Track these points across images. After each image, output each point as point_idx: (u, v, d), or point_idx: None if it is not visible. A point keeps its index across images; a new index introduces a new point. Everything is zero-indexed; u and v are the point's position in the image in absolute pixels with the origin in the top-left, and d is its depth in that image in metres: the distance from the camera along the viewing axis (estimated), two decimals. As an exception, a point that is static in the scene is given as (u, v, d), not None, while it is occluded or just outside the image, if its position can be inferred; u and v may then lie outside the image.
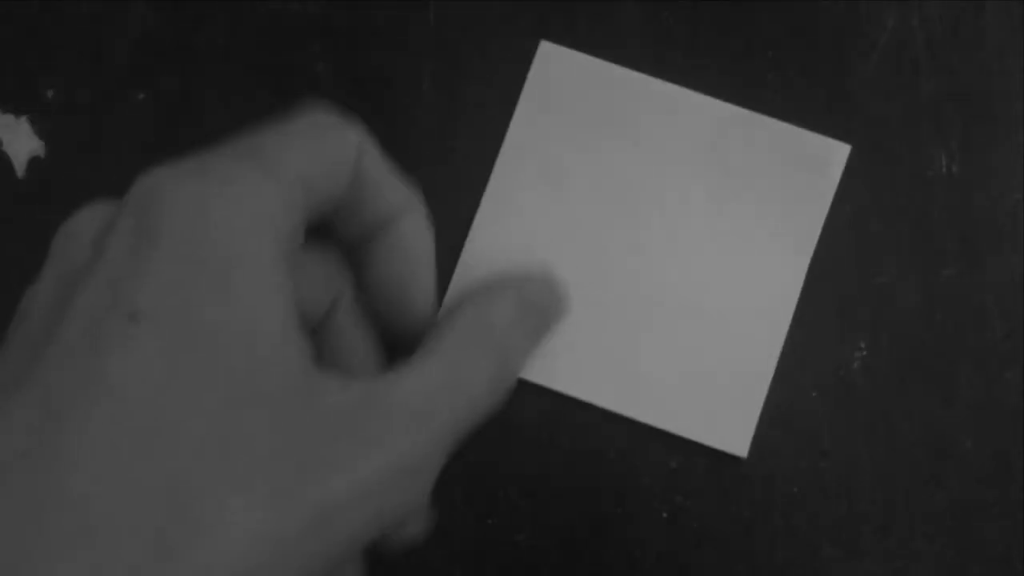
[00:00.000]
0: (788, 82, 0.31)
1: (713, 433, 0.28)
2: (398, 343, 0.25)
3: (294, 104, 0.23)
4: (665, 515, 0.27)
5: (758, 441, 0.28)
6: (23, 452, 0.19)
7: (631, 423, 0.27)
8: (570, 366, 0.28)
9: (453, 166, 0.30)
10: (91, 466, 0.19)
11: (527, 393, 0.28)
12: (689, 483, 0.28)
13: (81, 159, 0.27)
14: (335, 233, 0.25)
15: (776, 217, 0.29)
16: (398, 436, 0.21)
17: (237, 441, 0.19)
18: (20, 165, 0.30)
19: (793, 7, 0.32)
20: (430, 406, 0.22)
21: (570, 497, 0.27)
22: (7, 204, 0.30)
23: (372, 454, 0.20)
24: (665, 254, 0.29)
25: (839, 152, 0.29)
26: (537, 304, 0.26)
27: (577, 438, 0.28)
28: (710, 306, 0.28)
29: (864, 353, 0.29)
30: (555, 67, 0.30)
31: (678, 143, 0.30)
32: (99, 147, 0.27)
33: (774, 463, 0.28)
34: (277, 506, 0.19)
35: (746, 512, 0.28)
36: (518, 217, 0.29)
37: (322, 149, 0.23)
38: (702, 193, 0.29)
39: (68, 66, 0.31)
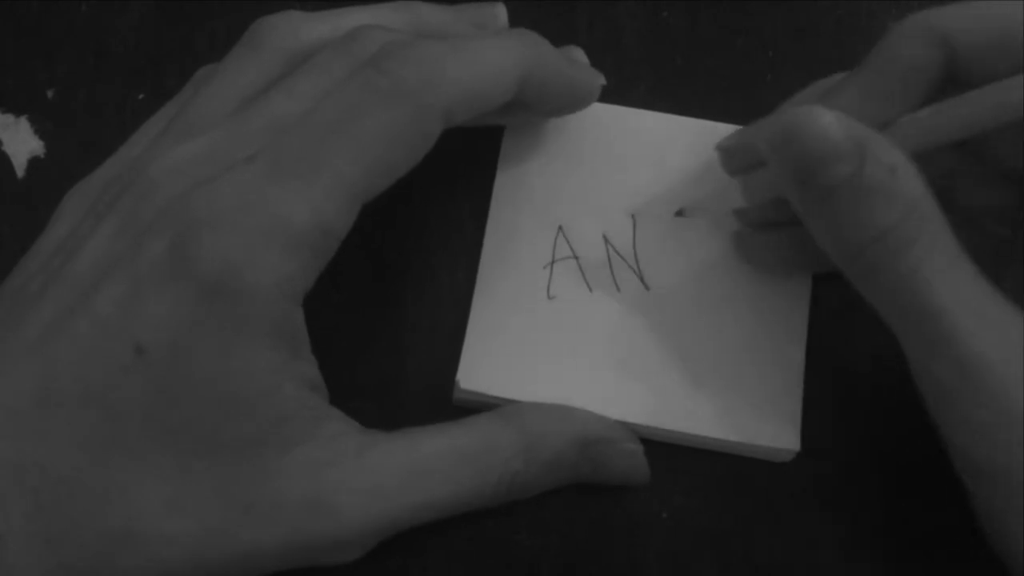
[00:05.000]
0: (788, 82, 0.31)
1: (760, 432, 0.27)
2: None
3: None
4: (665, 515, 0.27)
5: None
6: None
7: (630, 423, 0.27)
8: (603, 390, 0.27)
9: (451, 178, 0.30)
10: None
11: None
12: (689, 483, 0.28)
13: (81, 159, 0.27)
14: None
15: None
16: (342, 512, 0.22)
17: (186, 480, 0.21)
18: (20, 165, 0.30)
19: (793, 7, 0.32)
20: (389, 493, 0.23)
21: (570, 497, 0.27)
22: (7, 204, 0.30)
23: (304, 526, 0.22)
24: (674, 267, 0.29)
25: None
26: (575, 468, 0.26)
27: (577, 438, 0.28)
28: (727, 310, 0.28)
29: (868, 353, 0.29)
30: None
31: (667, 163, 0.29)
32: (99, 147, 0.27)
33: (775, 463, 0.28)
34: (203, 542, 0.21)
35: (746, 512, 0.28)
36: (519, 255, 0.29)
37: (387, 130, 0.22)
38: (696, 200, 0.29)
39: (68, 66, 0.31)
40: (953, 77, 0.23)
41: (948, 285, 0.22)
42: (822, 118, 0.23)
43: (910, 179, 0.22)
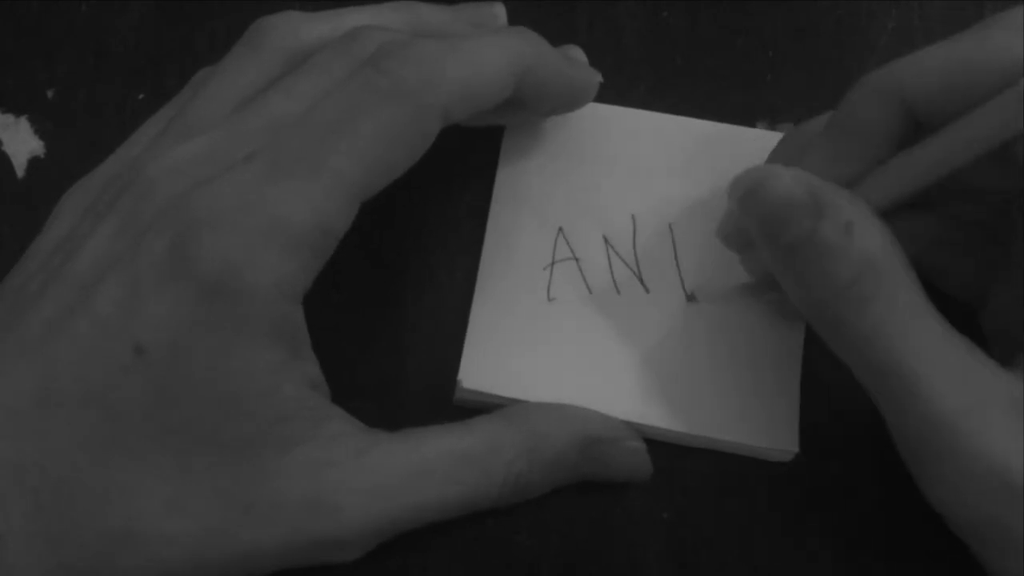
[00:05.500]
0: (788, 82, 0.31)
1: (759, 433, 0.27)
2: None
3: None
4: (665, 515, 0.27)
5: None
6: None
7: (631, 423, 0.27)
8: (604, 390, 0.27)
9: (450, 180, 0.30)
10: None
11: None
12: (689, 483, 0.28)
13: (81, 159, 0.27)
14: None
15: None
16: (342, 512, 0.22)
17: (186, 480, 0.21)
18: (20, 165, 0.30)
19: (793, 7, 0.32)
20: (390, 493, 0.23)
21: (570, 497, 0.27)
22: (7, 204, 0.30)
23: (304, 526, 0.22)
24: (673, 268, 0.29)
25: None
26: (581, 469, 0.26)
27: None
28: (726, 311, 0.28)
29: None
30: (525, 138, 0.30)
31: (667, 164, 0.29)
32: (99, 147, 0.27)
33: (774, 463, 0.28)
34: (203, 542, 0.21)
35: (746, 512, 0.28)
36: (520, 253, 0.29)
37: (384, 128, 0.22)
38: (696, 202, 0.29)
39: (68, 66, 0.31)
40: (918, 126, 0.23)
41: (911, 341, 0.22)
42: (781, 177, 0.23)
43: (866, 235, 0.22)
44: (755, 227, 0.24)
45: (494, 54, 0.24)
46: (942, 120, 0.23)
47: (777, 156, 0.27)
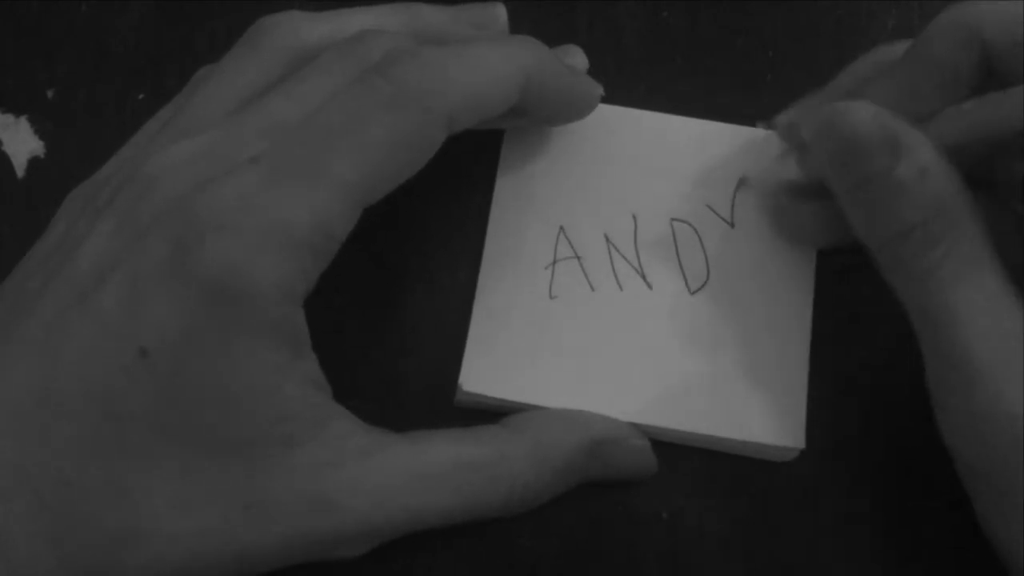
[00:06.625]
0: (788, 82, 0.31)
1: (765, 430, 0.27)
2: None
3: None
4: (665, 515, 0.27)
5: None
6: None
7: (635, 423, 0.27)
8: (607, 390, 0.27)
9: (453, 183, 0.30)
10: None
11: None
12: (689, 483, 0.28)
13: (81, 159, 0.27)
14: None
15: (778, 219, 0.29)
16: (344, 512, 0.22)
17: (188, 480, 0.21)
18: (20, 165, 0.30)
19: (793, 7, 0.32)
20: (391, 495, 0.23)
21: (570, 497, 0.27)
22: (7, 204, 0.30)
23: (304, 524, 0.22)
24: (676, 265, 0.29)
25: None
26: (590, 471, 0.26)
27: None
28: (730, 309, 0.28)
29: (870, 354, 0.29)
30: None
31: (667, 163, 0.29)
32: (99, 147, 0.27)
33: (774, 463, 0.28)
34: (206, 541, 0.21)
35: (746, 512, 0.28)
36: (522, 257, 0.29)
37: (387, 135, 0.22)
38: (696, 201, 0.29)
39: (68, 66, 0.31)
40: (992, 72, 0.24)
41: (961, 290, 0.23)
42: (861, 113, 0.23)
43: (940, 180, 0.23)
44: (828, 158, 0.24)
45: (499, 63, 0.24)
46: (1017, 74, 0.23)
47: (841, 83, 0.27)
